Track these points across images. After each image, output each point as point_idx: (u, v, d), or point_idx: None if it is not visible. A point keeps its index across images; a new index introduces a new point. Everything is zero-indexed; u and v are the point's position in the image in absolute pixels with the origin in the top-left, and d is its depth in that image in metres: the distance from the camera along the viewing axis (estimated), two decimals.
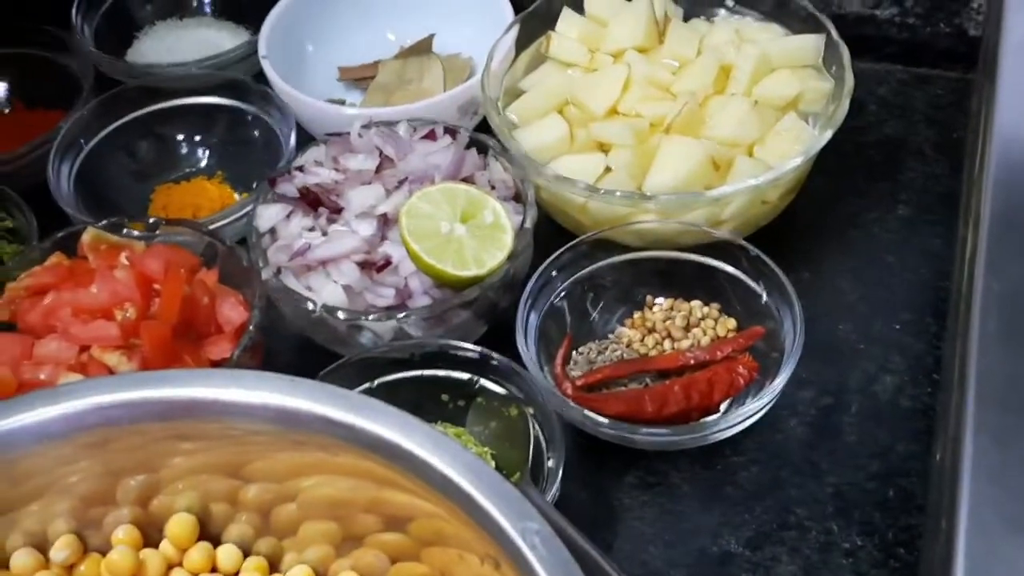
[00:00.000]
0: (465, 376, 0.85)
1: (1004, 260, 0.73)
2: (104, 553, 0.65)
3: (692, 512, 0.83)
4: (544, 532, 0.53)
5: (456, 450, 0.56)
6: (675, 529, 0.82)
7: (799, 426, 0.86)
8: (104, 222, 0.90)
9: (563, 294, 0.90)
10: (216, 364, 0.84)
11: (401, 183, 0.91)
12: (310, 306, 0.86)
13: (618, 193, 0.90)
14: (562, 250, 0.89)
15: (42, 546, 0.65)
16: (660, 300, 0.92)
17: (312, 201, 0.91)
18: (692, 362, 0.86)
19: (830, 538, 0.80)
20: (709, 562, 0.80)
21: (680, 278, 0.91)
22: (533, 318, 0.87)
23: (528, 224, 0.89)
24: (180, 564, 0.66)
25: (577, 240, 0.90)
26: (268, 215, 0.91)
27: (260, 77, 1.07)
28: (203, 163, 1.09)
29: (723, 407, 0.85)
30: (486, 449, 0.82)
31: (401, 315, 0.85)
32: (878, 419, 0.86)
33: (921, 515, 0.80)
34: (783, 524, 0.81)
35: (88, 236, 0.89)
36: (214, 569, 0.66)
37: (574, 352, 0.89)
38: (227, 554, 0.66)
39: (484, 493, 0.54)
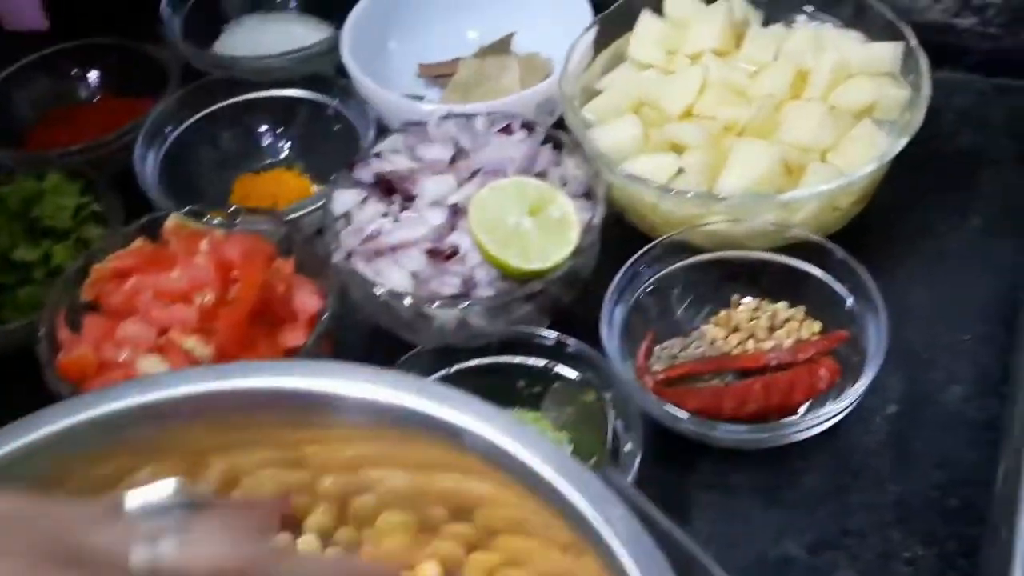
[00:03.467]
0: (541, 363, 0.86)
1: None
2: None
3: (753, 514, 0.83)
4: (627, 518, 0.53)
5: (536, 438, 0.57)
6: (736, 530, 0.82)
7: (864, 433, 0.86)
8: (187, 209, 0.93)
9: (650, 289, 0.90)
10: (290, 351, 0.86)
11: (474, 174, 0.92)
12: (377, 290, 0.87)
13: (690, 194, 0.90)
14: (650, 245, 0.90)
15: None
16: (746, 300, 0.92)
17: (387, 188, 0.93)
18: (774, 363, 0.86)
19: (890, 546, 0.80)
20: (768, 565, 0.80)
21: (767, 279, 0.91)
22: (619, 312, 0.87)
23: (596, 221, 0.89)
24: None
25: (664, 237, 0.90)
26: (344, 200, 0.93)
27: (343, 71, 1.09)
28: (283, 154, 1.11)
29: (801, 410, 0.85)
30: (563, 433, 0.83)
31: (465, 304, 0.86)
32: (944, 429, 0.85)
33: (983, 525, 0.79)
34: (844, 530, 0.81)
35: (171, 222, 0.92)
36: None
37: (657, 347, 0.89)
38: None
39: (566, 480, 0.55)
